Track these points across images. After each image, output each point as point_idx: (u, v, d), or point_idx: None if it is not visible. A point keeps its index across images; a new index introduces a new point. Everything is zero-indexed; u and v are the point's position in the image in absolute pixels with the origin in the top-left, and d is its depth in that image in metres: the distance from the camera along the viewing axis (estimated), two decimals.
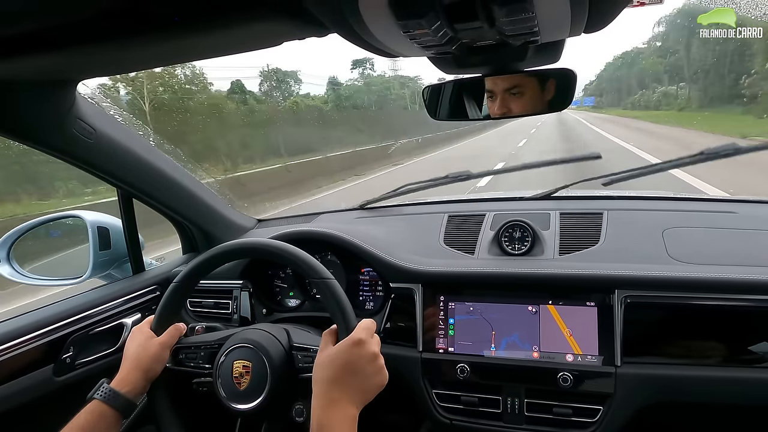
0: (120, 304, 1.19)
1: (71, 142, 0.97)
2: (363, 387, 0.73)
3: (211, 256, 0.91)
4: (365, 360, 0.74)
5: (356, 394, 0.72)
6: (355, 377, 0.73)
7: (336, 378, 0.72)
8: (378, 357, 0.76)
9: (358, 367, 0.73)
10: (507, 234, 1.18)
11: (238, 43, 0.69)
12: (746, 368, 0.93)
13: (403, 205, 1.53)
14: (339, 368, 0.73)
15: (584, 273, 1.02)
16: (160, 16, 0.56)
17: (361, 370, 0.74)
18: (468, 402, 1.04)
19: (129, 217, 1.25)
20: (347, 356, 0.74)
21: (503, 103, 0.79)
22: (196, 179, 1.34)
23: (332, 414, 0.69)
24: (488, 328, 1.05)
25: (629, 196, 1.37)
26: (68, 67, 0.79)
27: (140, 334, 0.89)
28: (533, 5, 0.47)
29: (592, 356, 0.98)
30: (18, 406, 0.96)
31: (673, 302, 0.96)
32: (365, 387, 0.74)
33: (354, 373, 0.73)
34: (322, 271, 0.85)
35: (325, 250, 1.27)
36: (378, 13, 0.49)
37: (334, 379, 0.72)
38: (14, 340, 0.97)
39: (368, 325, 0.79)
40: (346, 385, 0.72)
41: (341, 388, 0.72)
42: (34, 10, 0.51)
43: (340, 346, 0.75)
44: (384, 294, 1.21)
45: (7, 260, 1.22)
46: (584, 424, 0.97)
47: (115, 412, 0.80)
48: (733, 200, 1.31)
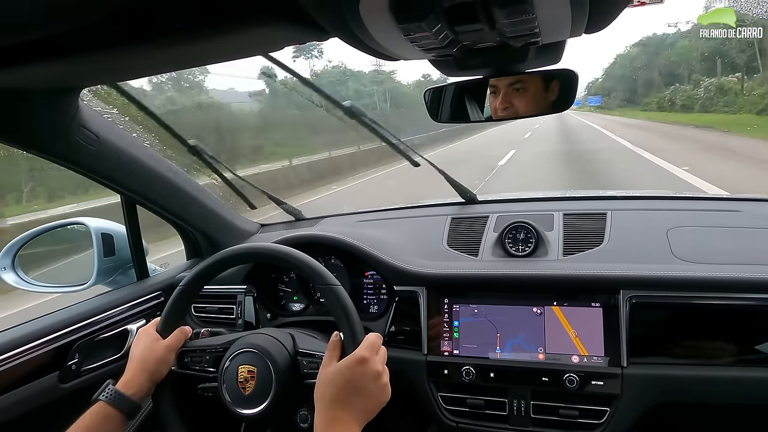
0: (125, 311, 1.19)
1: (75, 149, 0.97)
2: (366, 406, 0.73)
3: (215, 261, 0.91)
4: (369, 378, 0.73)
5: (359, 413, 0.72)
6: (358, 396, 0.72)
7: (339, 397, 0.72)
8: (381, 375, 0.75)
9: (362, 386, 0.73)
10: (511, 235, 1.17)
11: (240, 49, 0.69)
12: (753, 368, 0.92)
13: (405, 208, 1.53)
14: (342, 387, 0.72)
15: (589, 273, 1.02)
16: (162, 23, 0.56)
17: (365, 389, 0.73)
18: (474, 405, 1.04)
19: (133, 223, 1.25)
20: (350, 375, 0.73)
21: (506, 98, 0.79)
22: (199, 185, 1.34)
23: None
24: (493, 330, 1.05)
25: (633, 195, 1.37)
26: (71, 75, 0.80)
27: (146, 337, 0.89)
28: (533, 6, 0.47)
29: (598, 357, 0.97)
30: (24, 413, 0.96)
31: (678, 302, 0.96)
32: (368, 406, 0.73)
33: (357, 392, 0.72)
34: (327, 276, 0.85)
35: (329, 254, 1.27)
36: (379, 17, 0.49)
37: (336, 398, 0.72)
38: (20, 348, 0.97)
39: (374, 340, 0.78)
40: (349, 404, 0.71)
41: (344, 406, 0.71)
42: (36, 19, 0.52)
43: (343, 363, 0.74)
44: (388, 297, 1.21)
45: (12, 268, 1.23)
46: (591, 426, 0.97)
47: (120, 414, 0.80)
48: (737, 199, 1.30)
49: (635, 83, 45.28)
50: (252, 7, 0.54)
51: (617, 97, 50.43)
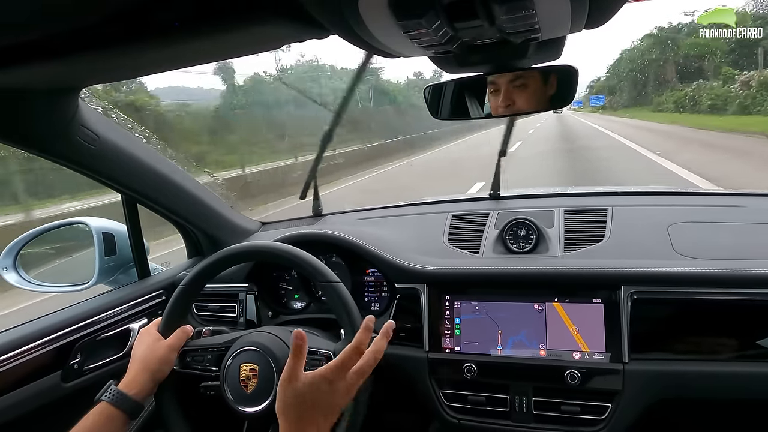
0: (126, 310, 1.20)
1: (75, 149, 0.97)
2: (330, 412, 0.71)
3: (217, 260, 0.92)
4: (332, 393, 0.71)
5: (325, 422, 0.70)
6: (320, 409, 0.70)
7: (304, 416, 0.69)
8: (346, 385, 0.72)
9: (320, 400, 0.70)
10: (512, 232, 1.17)
11: (239, 47, 0.69)
12: (754, 363, 0.92)
13: (406, 206, 1.53)
14: (308, 408, 0.70)
15: (590, 270, 1.02)
16: (161, 22, 0.56)
17: (323, 400, 0.70)
18: (475, 401, 1.04)
19: (134, 222, 1.25)
20: (312, 395, 0.70)
21: (507, 95, 0.79)
22: (200, 183, 1.34)
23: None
24: (494, 327, 1.05)
25: (634, 191, 1.37)
26: (71, 75, 0.80)
27: (148, 336, 0.89)
28: (533, 3, 0.47)
29: (599, 353, 0.98)
30: (27, 412, 0.97)
31: (680, 298, 0.96)
32: (332, 411, 0.71)
33: (317, 406, 0.70)
34: (327, 273, 0.85)
35: (330, 252, 1.27)
36: (378, 14, 0.49)
37: (302, 417, 0.69)
38: (22, 347, 0.97)
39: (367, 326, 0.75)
40: (314, 419, 0.69)
41: (311, 422, 0.69)
42: (35, 19, 0.52)
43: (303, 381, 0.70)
44: (389, 295, 1.21)
45: (14, 267, 1.23)
46: (593, 422, 0.97)
47: (122, 414, 0.80)
48: (739, 194, 1.30)
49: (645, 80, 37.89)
50: (251, 5, 0.54)
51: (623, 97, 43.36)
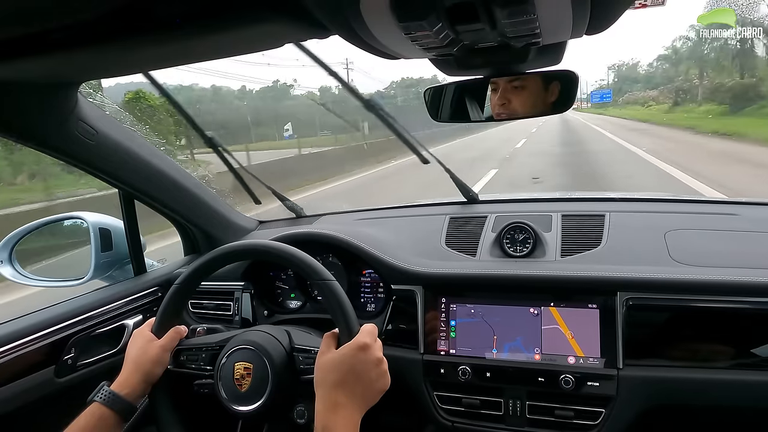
0: (121, 306, 1.19)
1: (73, 143, 0.97)
2: (367, 392, 0.74)
3: (212, 258, 0.91)
4: (370, 365, 0.74)
5: (360, 399, 0.72)
6: (359, 382, 0.73)
7: (341, 382, 0.72)
8: (382, 362, 0.76)
9: (363, 372, 0.73)
10: (509, 236, 1.17)
11: (240, 45, 0.69)
12: (749, 371, 0.92)
13: (404, 207, 1.53)
14: (344, 372, 0.73)
15: (586, 275, 1.02)
16: (162, 18, 0.56)
17: (366, 374, 0.74)
18: (470, 404, 1.04)
19: (130, 218, 1.25)
20: (352, 360, 0.74)
21: (504, 94, 0.80)
22: (198, 180, 1.34)
23: (337, 418, 0.70)
24: (490, 331, 1.05)
25: (631, 197, 1.37)
26: (71, 69, 0.79)
27: (141, 337, 0.89)
28: (535, 7, 0.47)
29: (594, 358, 0.98)
30: (19, 407, 0.96)
31: (675, 304, 0.96)
32: (369, 392, 0.74)
33: (359, 378, 0.73)
34: (323, 272, 0.85)
35: (327, 252, 1.27)
36: (380, 15, 0.49)
37: (339, 382, 0.72)
38: (16, 342, 0.97)
39: (371, 329, 0.79)
40: (351, 390, 0.72)
41: (346, 392, 0.72)
42: (37, 12, 0.52)
43: (344, 349, 0.75)
44: (385, 296, 1.21)
45: (9, 262, 1.23)
46: (586, 427, 0.97)
47: (115, 415, 0.80)
48: (735, 202, 1.30)
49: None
50: (254, 3, 0.54)
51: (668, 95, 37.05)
